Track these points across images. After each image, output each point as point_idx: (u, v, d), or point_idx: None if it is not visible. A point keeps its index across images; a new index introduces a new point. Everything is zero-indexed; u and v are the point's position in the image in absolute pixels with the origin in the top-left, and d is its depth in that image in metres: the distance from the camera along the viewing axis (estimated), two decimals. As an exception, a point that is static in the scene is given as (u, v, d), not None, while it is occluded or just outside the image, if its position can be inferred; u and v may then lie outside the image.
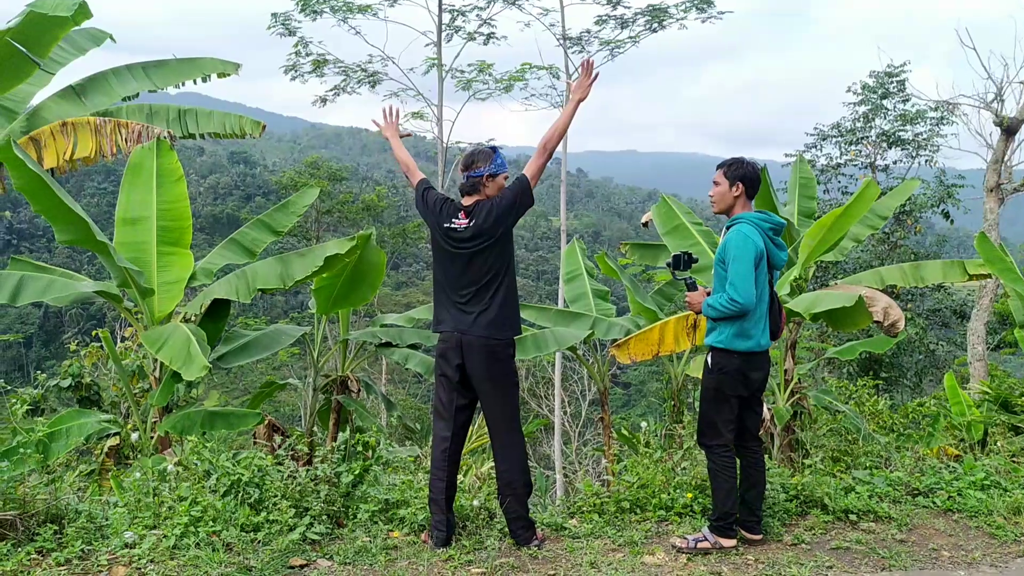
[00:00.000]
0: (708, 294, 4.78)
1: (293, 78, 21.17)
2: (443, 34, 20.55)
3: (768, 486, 5.32)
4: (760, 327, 4.64)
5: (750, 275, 4.48)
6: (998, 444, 8.88)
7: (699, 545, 4.62)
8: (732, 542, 4.67)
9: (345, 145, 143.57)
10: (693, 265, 4.91)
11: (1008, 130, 14.60)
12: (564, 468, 19.27)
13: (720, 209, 4.80)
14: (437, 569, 4.30)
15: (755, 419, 4.88)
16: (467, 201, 4.76)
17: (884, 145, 21.71)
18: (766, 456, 7.43)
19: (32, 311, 53.52)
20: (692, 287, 4.85)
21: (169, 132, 8.00)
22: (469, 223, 4.64)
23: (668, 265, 4.91)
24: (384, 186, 50.19)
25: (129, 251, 7.01)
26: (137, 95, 9.54)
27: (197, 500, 4.59)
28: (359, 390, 9.64)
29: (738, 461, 4.78)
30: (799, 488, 5.51)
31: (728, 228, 4.74)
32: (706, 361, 4.74)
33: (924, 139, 21.26)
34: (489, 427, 4.76)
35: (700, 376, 9.33)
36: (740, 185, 4.69)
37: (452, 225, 4.68)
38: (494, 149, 4.89)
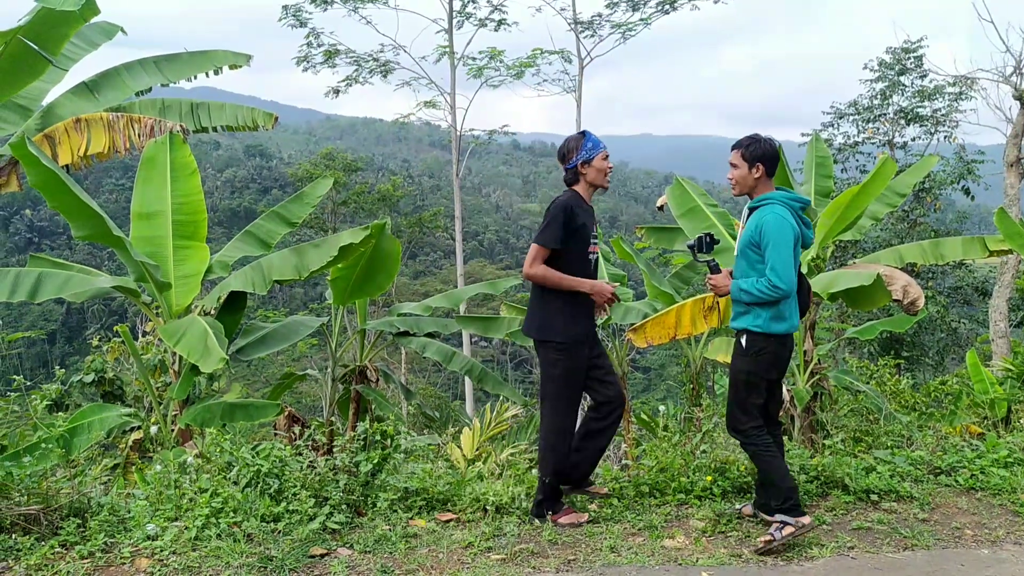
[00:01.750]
0: (731, 276, 4.68)
1: (305, 69, 21.26)
2: (454, 21, 20.52)
3: (788, 467, 5.29)
4: (793, 308, 4.58)
5: (791, 260, 4.39)
6: (1022, 421, 8.80)
7: (784, 532, 4.41)
8: (807, 518, 4.53)
9: (360, 136, 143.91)
10: (715, 247, 4.78)
11: (1028, 103, 14.38)
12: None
13: (741, 192, 4.66)
14: (457, 556, 4.31)
15: (776, 404, 4.84)
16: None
17: (902, 122, 21.47)
18: (786, 438, 7.41)
19: (55, 308, 54.14)
20: (715, 269, 4.72)
21: (182, 126, 8.01)
22: None
23: (690, 247, 4.80)
24: (400, 176, 50.23)
25: (145, 246, 7.05)
26: (150, 89, 9.56)
27: (218, 491, 4.62)
28: (378, 379, 9.66)
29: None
30: (820, 469, 5.48)
31: (753, 209, 4.61)
32: (739, 344, 4.62)
33: (943, 115, 21.01)
34: None
35: (718, 358, 9.32)
36: (760, 166, 4.55)
37: None
38: (584, 133, 4.86)
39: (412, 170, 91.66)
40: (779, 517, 4.50)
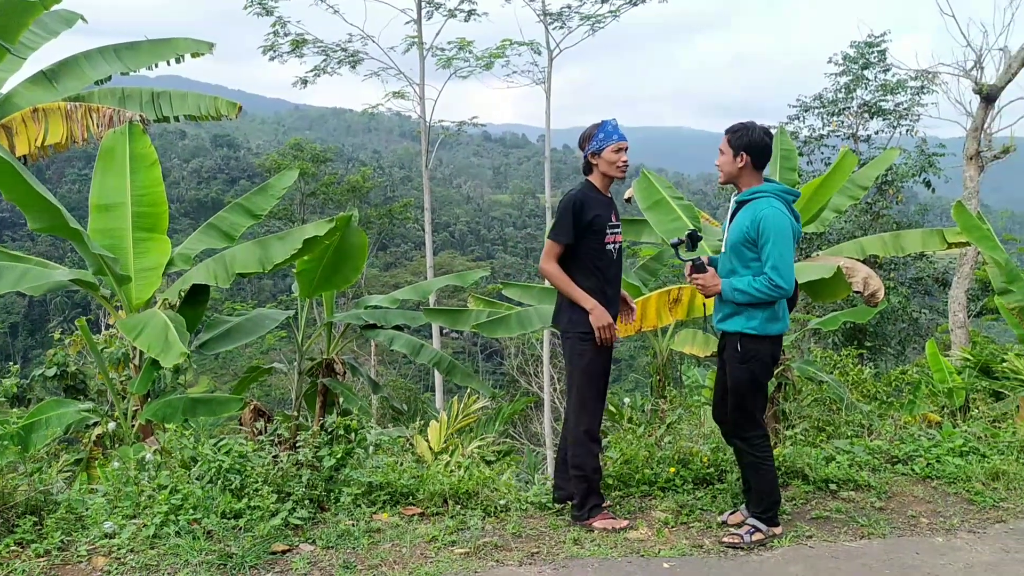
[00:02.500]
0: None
1: (272, 59, 21.05)
2: (423, 11, 20.40)
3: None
4: (786, 306, 4.42)
5: (791, 257, 4.20)
6: (979, 410, 8.97)
7: (754, 538, 4.39)
8: (780, 528, 4.51)
9: (330, 126, 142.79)
10: (699, 244, 4.66)
11: (987, 98, 14.60)
12: (555, 445, 19.36)
13: (726, 180, 4.45)
14: (420, 550, 4.31)
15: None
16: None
17: (866, 115, 21.74)
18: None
19: (16, 300, 53.25)
20: (701, 268, 4.39)
21: (142, 115, 7.91)
22: None
23: (674, 245, 4.63)
24: (370, 167, 49.96)
25: (104, 238, 6.95)
26: (109, 78, 9.42)
27: (177, 488, 4.57)
28: (345, 372, 9.63)
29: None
30: (781, 459, 5.54)
31: (742, 203, 4.38)
32: (735, 351, 4.37)
33: (905, 109, 21.30)
34: None
35: (685, 350, 9.38)
36: (745, 155, 4.30)
37: None
38: (602, 122, 4.74)
39: (382, 161, 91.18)
40: (752, 522, 4.47)
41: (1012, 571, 4.21)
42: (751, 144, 4.30)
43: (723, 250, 4.51)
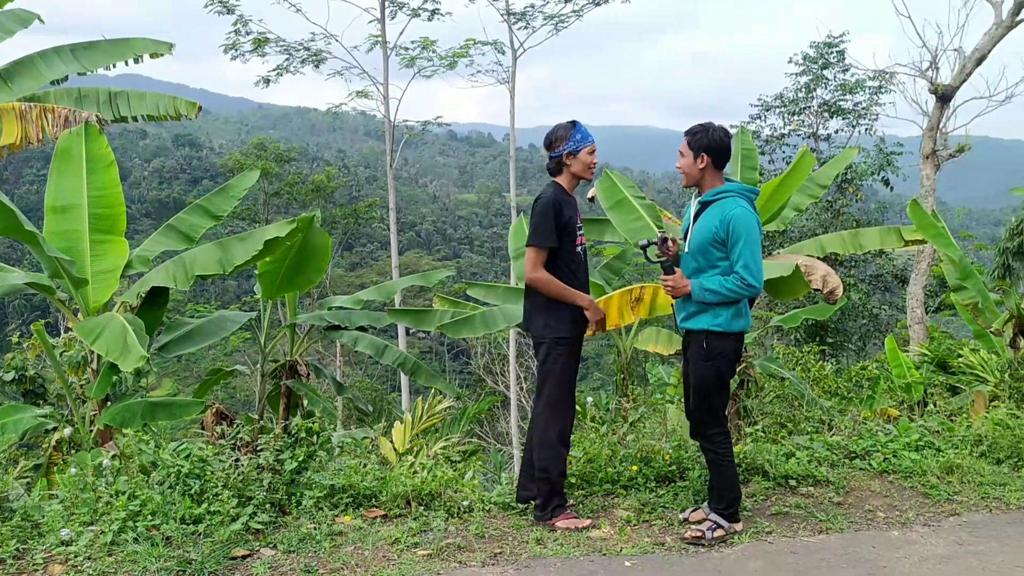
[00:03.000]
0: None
1: (234, 58, 20.81)
2: (387, 11, 20.31)
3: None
4: (748, 302, 4.50)
5: (760, 254, 4.27)
6: (936, 404, 9.15)
7: (715, 534, 4.44)
8: (740, 525, 4.57)
9: (294, 125, 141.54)
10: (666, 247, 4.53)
11: (943, 97, 14.88)
12: (521, 444, 19.39)
13: (688, 183, 4.46)
14: (383, 552, 4.30)
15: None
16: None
17: (826, 115, 22.08)
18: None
19: (-27, 303, 52.13)
20: (670, 270, 4.45)
21: (98, 116, 7.79)
22: None
23: (643, 247, 4.59)
24: (334, 166, 49.63)
25: (60, 240, 6.83)
26: (66, 78, 9.27)
27: (136, 494, 4.51)
28: (309, 374, 9.55)
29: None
30: (742, 456, 5.60)
31: (707, 204, 4.38)
32: (700, 348, 4.41)
33: (863, 108, 21.67)
34: None
35: (648, 348, 9.45)
36: (706, 156, 4.32)
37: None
38: (574, 123, 4.73)
39: (347, 160, 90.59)
40: (714, 518, 4.52)
41: (965, 563, 4.30)
42: (711, 145, 4.33)
43: (686, 250, 4.50)
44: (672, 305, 4.71)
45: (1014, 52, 14.95)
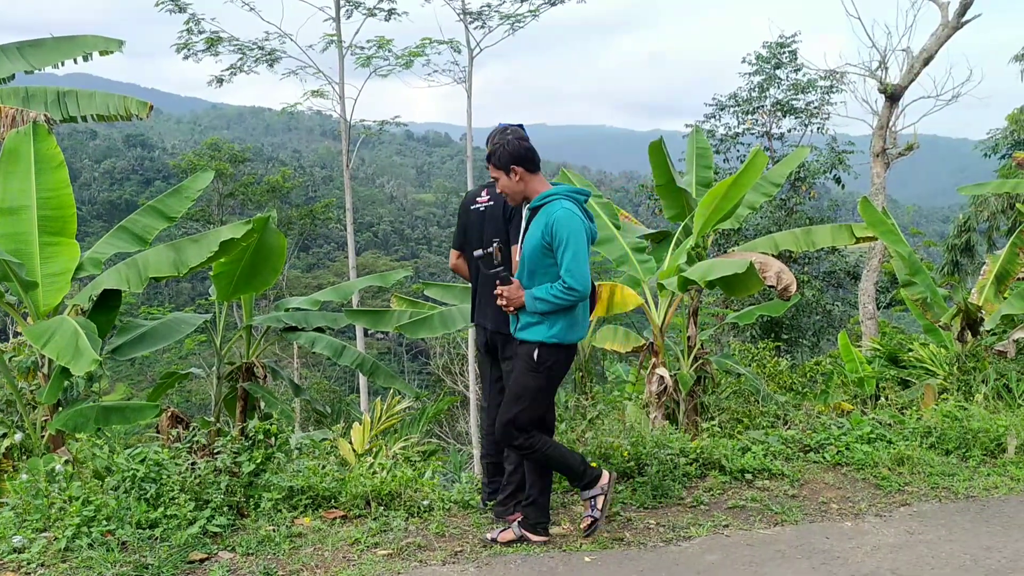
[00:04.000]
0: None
1: (186, 57, 20.49)
2: (342, 10, 20.17)
3: (669, 450, 5.48)
4: (587, 312, 4.33)
5: (586, 258, 4.11)
6: (887, 398, 9.35)
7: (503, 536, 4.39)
8: (544, 537, 4.42)
9: (248, 125, 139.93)
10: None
11: (892, 97, 15.20)
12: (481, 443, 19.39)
13: (517, 200, 4.35)
14: (343, 553, 4.28)
15: (553, 413, 4.60)
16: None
17: (779, 114, 22.42)
18: (669, 422, 7.65)
19: (-84, 308, 50.71)
20: (505, 280, 4.26)
21: (47, 115, 7.63)
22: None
23: (478, 257, 4.37)
24: (290, 167, 49.17)
25: (9, 243, 6.67)
26: (12, 77, 9.06)
27: (90, 499, 4.44)
28: (265, 376, 9.46)
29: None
30: (699, 451, 5.68)
31: (536, 209, 4.25)
32: (529, 359, 4.23)
33: (815, 107, 22.05)
34: None
35: (606, 346, 9.51)
36: (515, 168, 4.23)
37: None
38: (520, 126, 4.75)
39: (303, 160, 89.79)
40: (517, 528, 4.43)
41: (915, 552, 4.40)
42: (513, 155, 4.22)
43: (518, 259, 4.38)
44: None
45: (960, 53, 15.32)
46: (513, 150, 4.22)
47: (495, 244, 4.35)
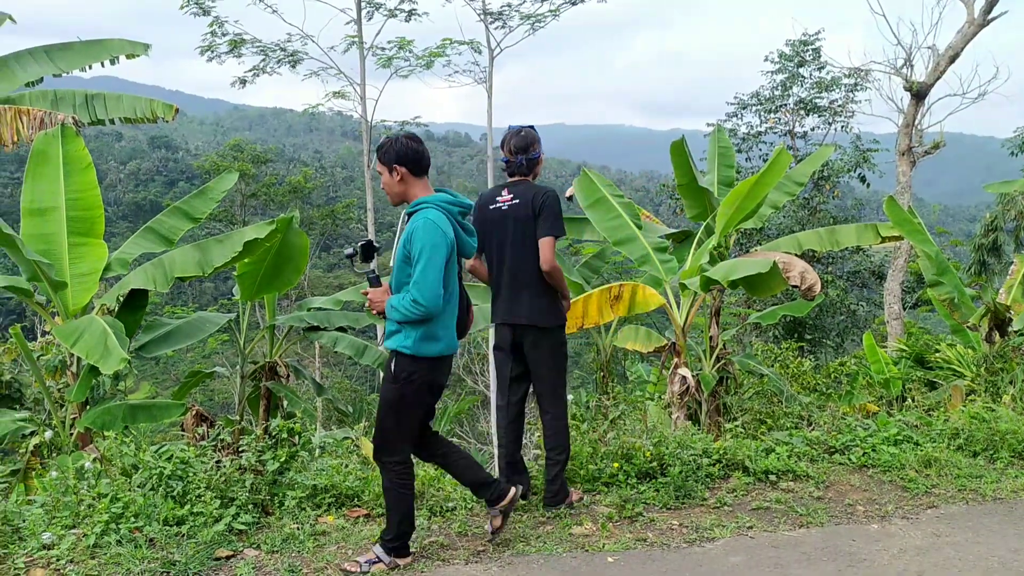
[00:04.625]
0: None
1: (210, 59, 20.60)
2: (363, 11, 20.23)
3: (691, 451, 5.46)
4: (451, 328, 4.11)
5: (439, 273, 3.89)
6: (914, 399, 9.26)
7: (373, 568, 4.07)
8: (408, 559, 4.17)
9: (270, 126, 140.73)
10: (377, 256, 4.24)
11: (917, 95, 15.05)
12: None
13: (396, 200, 4.19)
14: (366, 551, 4.29)
15: (430, 414, 4.35)
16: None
17: (802, 112, 22.22)
18: (691, 423, 7.63)
19: (-54, 308, 51.43)
20: (375, 282, 4.13)
21: (74, 118, 7.72)
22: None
23: (348, 257, 4.21)
24: (311, 167, 49.42)
25: (38, 243, 6.77)
26: (41, 80, 9.18)
27: (118, 496, 4.50)
28: (288, 375, 9.52)
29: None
30: (722, 452, 5.66)
31: (410, 215, 4.11)
32: (388, 368, 4.10)
33: (839, 105, 21.83)
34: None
35: (628, 346, 9.50)
36: (399, 167, 4.07)
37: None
38: (532, 127, 5.01)
39: (324, 161, 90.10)
40: (377, 550, 4.14)
41: (943, 555, 4.36)
42: (400, 155, 4.07)
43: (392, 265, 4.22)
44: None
45: (986, 50, 15.17)
46: (400, 148, 4.06)
47: (360, 243, 4.22)
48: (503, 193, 4.95)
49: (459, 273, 4.18)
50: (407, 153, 4.06)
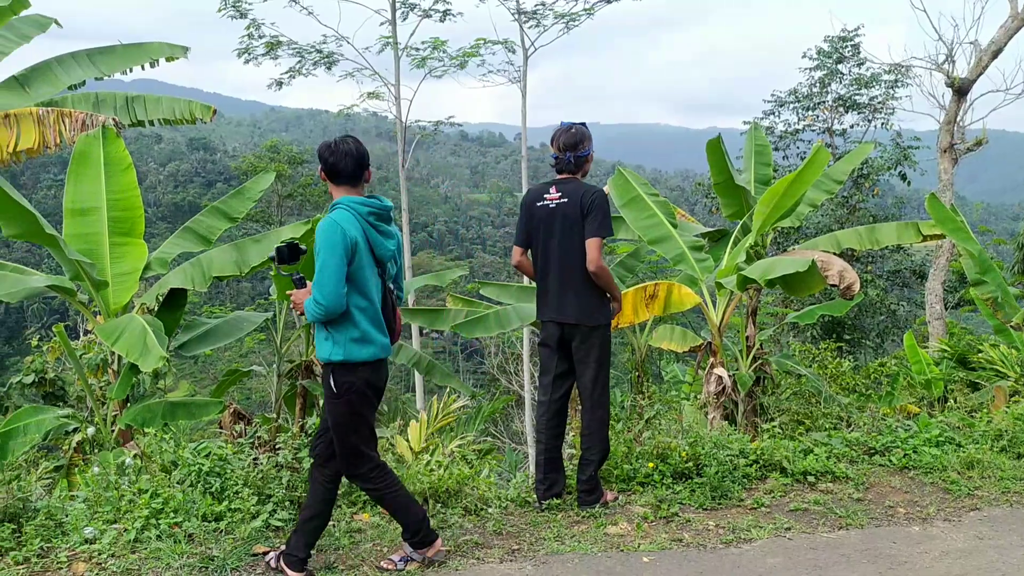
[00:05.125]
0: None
1: (247, 61, 20.91)
2: (398, 12, 20.35)
3: (728, 451, 5.40)
4: (380, 329, 4.01)
5: (337, 271, 3.79)
6: (956, 400, 9.09)
7: (408, 567, 4.11)
8: (438, 543, 4.18)
9: (306, 127, 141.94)
10: (303, 257, 4.12)
11: (959, 91, 14.78)
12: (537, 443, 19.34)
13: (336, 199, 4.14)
14: (401, 549, 4.31)
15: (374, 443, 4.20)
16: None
17: (841, 109, 21.93)
18: (728, 423, 7.55)
19: (-8, 307, 52.62)
20: (299, 283, 4.06)
21: (115, 119, 7.85)
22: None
23: (271, 258, 4.15)
24: (347, 168, 49.70)
25: (80, 243, 6.89)
26: (83, 83, 9.35)
27: (158, 492, 4.56)
28: (324, 374, 9.60)
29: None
30: (759, 453, 5.59)
31: None
32: (327, 386, 4.00)
33: (879, 102, 21.50)
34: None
35: (663, 346, 9.44)
36: (322, 172, 4.06)
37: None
38: (584, 124, 5.02)
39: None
40: (407, 550, 4.15)
41: (986, 558, 4.28)
42: (323, 161, 4.02)
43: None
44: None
45: (1030, 45, 14.86)
46: (324, 154, 4.02)
47: (282, 245, 4.13)
48: (551, 191, 4.91)
49: (383, 274, 4.04)
50: (323, 159, 4.03)
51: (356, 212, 3.93)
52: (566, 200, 4.85)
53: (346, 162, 3.99)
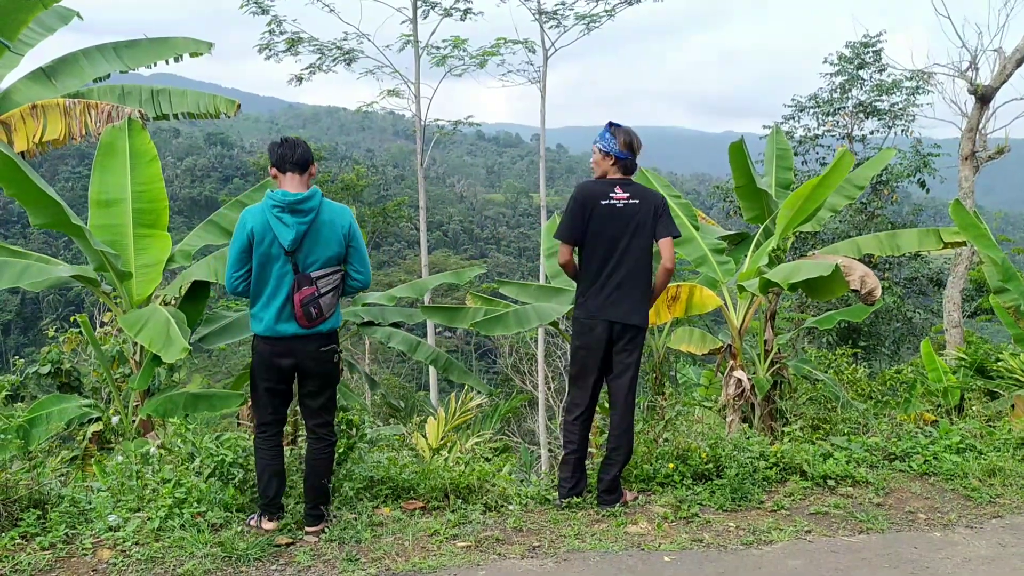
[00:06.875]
0: None
1: (268, 57, 21.02)
2: (419, 10, 20.41)
3: (748, 453, 5.40)
4: (270, 311, 4.31)
5: (233, 259, 4.35)
6: (974, 409, 9.02)
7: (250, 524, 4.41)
8: (272, 525, 4.38)
9: (323, 125, 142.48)
10: None
11: (982, 98, 14.68)
12: (549, 443, 19.40)
13: None
14: (423, 543, 4.34)
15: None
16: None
17: (861, 115, 21.82)
18: (747, 425, 7.54)
19: (9, 298, 53.08)
20: None
21: (141, 112, 7.91)
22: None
23: None
24: (363, 165, 49.86)
25: (105, 234, 6.94)
26: (108, 76, 9.42)
27: (181, 482, 4.60)
28: (342, 369, 9.62)
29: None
30: (779, 456, 5.59)
31: None
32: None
33: (900, 109, 21.38)
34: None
35: (681, 348, 9.42)
36: (271, 167, 4.42)
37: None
38: (630, 130, 5.04)
39: (376, 159, 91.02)
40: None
41: (1008, 565, 4.26)
42: (271, 155, 4.43)
43: None
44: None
45: (1055, 53, 14.65)
46: (272, 149, 4.42)
47: None
48: (616, 190, 4.82)
49: (294, 261, 4.31)
50: (272, 154, 4.41)
51: (265, 204, 4.32)
52: (637, 202, 4.81)
53: (286, 157, 4.37)
